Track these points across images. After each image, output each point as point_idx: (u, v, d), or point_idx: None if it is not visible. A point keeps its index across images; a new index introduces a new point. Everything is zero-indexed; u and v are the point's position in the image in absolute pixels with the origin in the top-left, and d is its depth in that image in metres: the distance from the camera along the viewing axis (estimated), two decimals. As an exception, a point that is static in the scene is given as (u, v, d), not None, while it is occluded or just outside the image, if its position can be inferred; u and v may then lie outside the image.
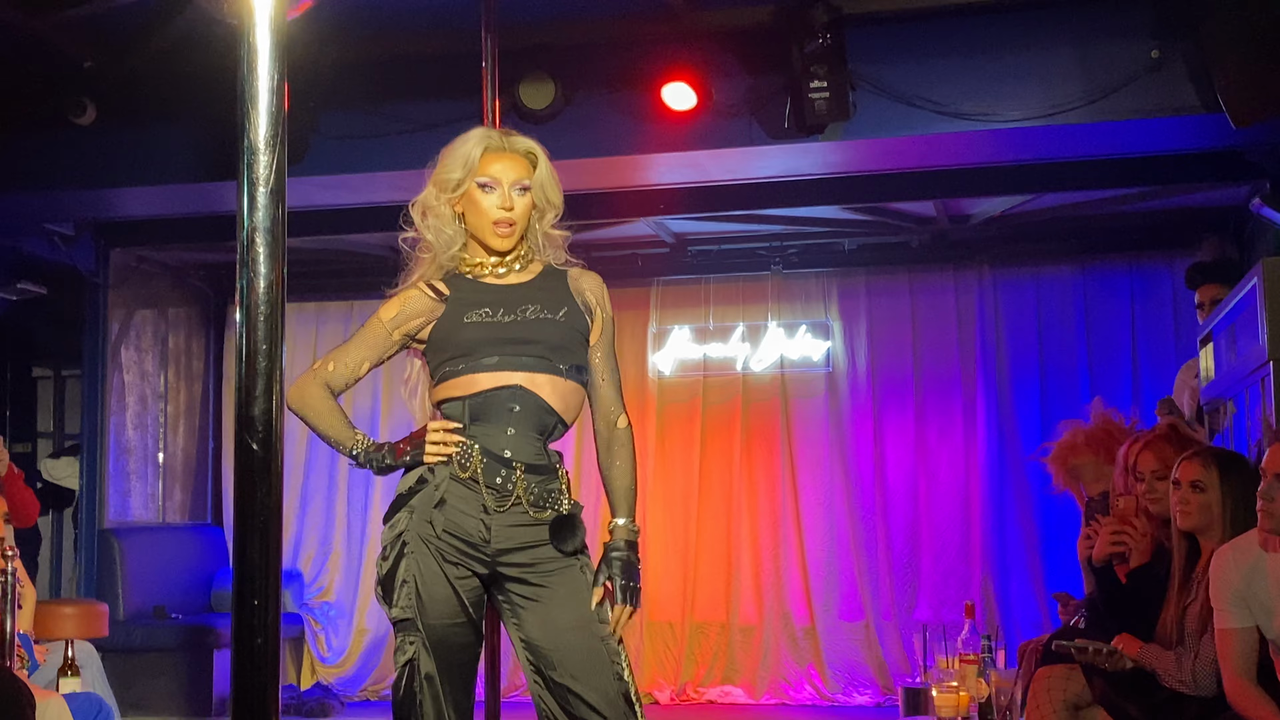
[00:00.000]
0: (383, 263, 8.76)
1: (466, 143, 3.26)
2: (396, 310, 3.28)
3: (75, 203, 7.21)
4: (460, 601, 3.13)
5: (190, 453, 9.07)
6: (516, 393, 3.14)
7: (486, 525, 3.11)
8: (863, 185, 7.22)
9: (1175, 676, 4.05)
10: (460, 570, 3.12)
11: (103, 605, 5.97)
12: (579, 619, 3.11)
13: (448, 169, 3.26)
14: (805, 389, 8.60)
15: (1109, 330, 8.21)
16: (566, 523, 3.14)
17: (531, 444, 3.15)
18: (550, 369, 3.17)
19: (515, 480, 3.11)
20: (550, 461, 3.19)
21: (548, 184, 3.28)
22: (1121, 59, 5.82)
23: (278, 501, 1.78)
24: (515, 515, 3.12)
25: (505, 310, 3.19)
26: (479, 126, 3.38)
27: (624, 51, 6.27)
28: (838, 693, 8.20)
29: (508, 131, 3.35)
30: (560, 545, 3.13)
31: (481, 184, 3.22)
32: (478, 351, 3.17)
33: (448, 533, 3.11)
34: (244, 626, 1.73)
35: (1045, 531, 8.06)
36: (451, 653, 3.14)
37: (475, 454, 3.12)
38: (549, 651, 3.10)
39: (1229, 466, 4.17)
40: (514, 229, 3.22)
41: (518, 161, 3.25)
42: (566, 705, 3.08)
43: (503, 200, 3.20)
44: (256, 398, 1.76)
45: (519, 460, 3.12)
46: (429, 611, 3.11)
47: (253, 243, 1.76)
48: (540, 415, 3.15)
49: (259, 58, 1.76)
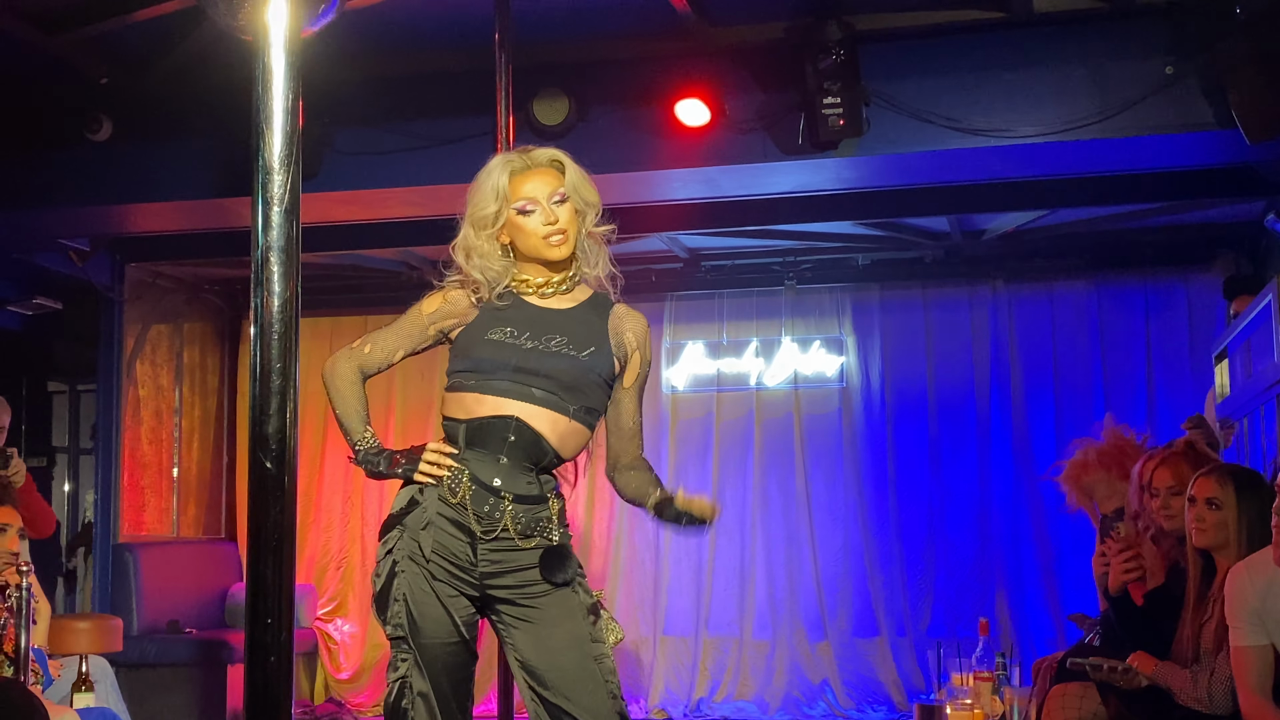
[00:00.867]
0: (396, 277, 8.79)
1: (490, 175, 3.22)
2: (437, 305, 3.29)
3: (91, 218, 7.23)
4: (453, 621, 3.13)
5: (204, 467, 9.08)
6: (513, 424, 3.12)
7: (473, 550, 3.11)
8: (877, 201, 7.21)
9: (1191, 694, 4.03)
10: (450, 590, 3.13)
11: (117, 620, 5.97)
12: (572, 638, 3.11)
13: (480, 205, 3.21)
14: (819, 404, 8.59)
15: (1123, 346, 8.20)
16: (555, 554, 3.13)
17: (523, 474, 3.14)
18: (557, 406, 3.14)
19: (503, 510, 3.11)
20: (542, 491, 3.17)
21: (581, 186, 3.24)
22: (1136, 75, 5.81)
23: (291, 519, 1.78)
24: (502, 543, 3.12)
25: (531, 335, 3.17)
26: (495, 155, 3.37)
27: (638, 68, 6.27)
28: (852, 709, 8.18)
29: (525, 149, 3.32)
30: (549, 577, 3.11)
31: (519, 209, 3.18)
32: (489, 371, 3.16)
33: (437, 554, 3.12)
34: (258, 645, 1.73)
35: (1060, 548, 8.04)
36: (444, 671, 3.14)
37: (465, 481, 3.12)
38: (543, 671, 3.10)
39: (1245, 484, 4.15)
40: (567, 236, 3.19)
41: (547, 174, 3.22)
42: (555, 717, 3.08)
43: (546, 216, 3.17)
44: (270, 415, 1.76)
45: (508, 490, 3.12)
46: (421, 630, 3.12)
47: (267, 261, 1.76)
48: (535, 448, 3.14)
49: (274, 77, 1.76)
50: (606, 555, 8.45)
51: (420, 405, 8.73)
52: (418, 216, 7.09)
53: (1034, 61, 5.95)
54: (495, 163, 3.26)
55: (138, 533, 8.37)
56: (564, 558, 3.13)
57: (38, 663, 4.94)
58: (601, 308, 3.29)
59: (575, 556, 3.18)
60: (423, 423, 8.67)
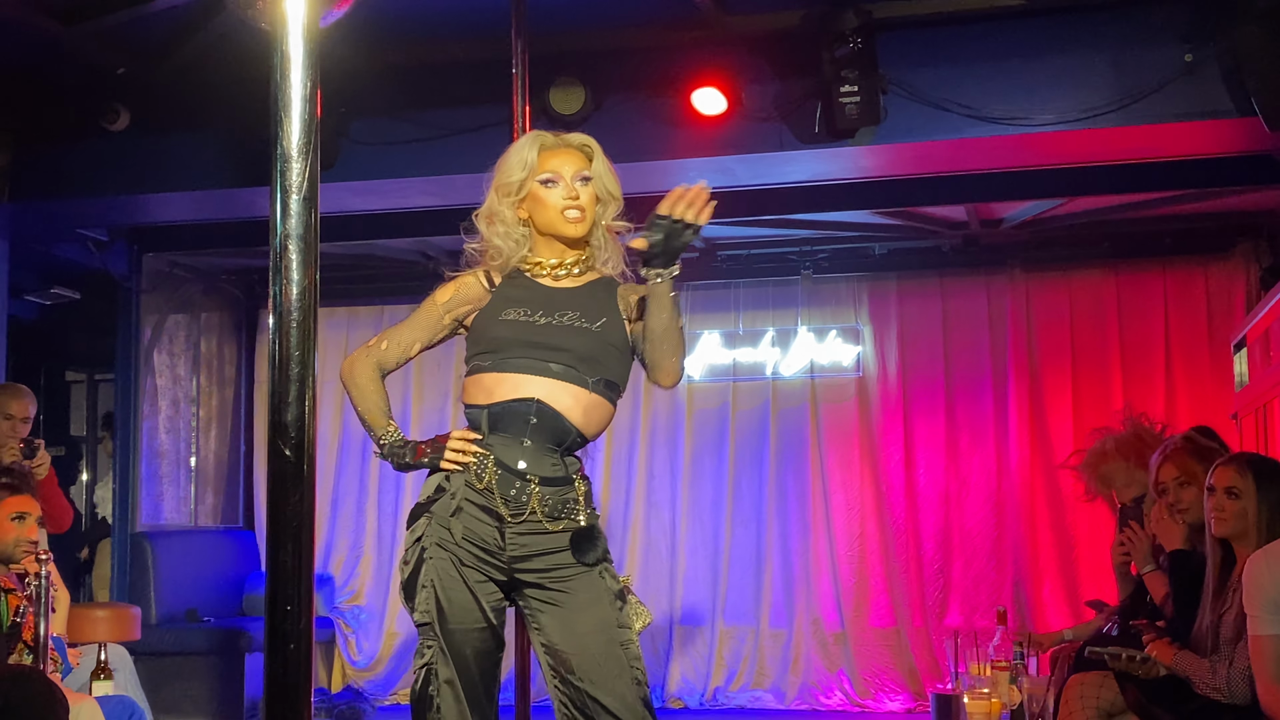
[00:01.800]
0: (413, 267, 8.80)
1: (521, 147, 3.28)
2: (451, 294, 3.32)
3: (109, 208, 7.26)
4: (480, 607, 3.13)
5: (222, 456, 9.11)
6: (534, 406, 3.13)
7: (502, 534, 3.12)
8: (893, 190, 7.20)
9: (1209, 684, 4.03)
10: (479, 575, 3.13)
11: (135, 609, 5.99)
12: (598, 623, 3.10)
13: (507, 173, 3.26)
14: (835, 394, 8.58)
15: (1142, 335, 8.16)
16: (585, 535, 3.14)
17: (547, 456, 3.15)
18: (576, 380, 3.16)
19: (530, 493, 3.12)
20: (567, 472, 3.18)
21: (606, 176, 3.29)
22: (1154, 62, 5.78)
23: (310, 507, 1.77)
24: (530, 525, 3.12)
25: (544, 313, 3.19)
26: (530, 132, 3.41)
27: (654, 56, 6.27)
28: (868, 698, 8.18)
29: (559, 131, 3.39)
30: (581, 558, 3.12)
31: (543, 180, 3.23)
32: (506, 350, 3.18)
33: (466, 539, 3.13)
34: (277, 632, 1.73)
35: (1078, 537, 8.02)
36: (471, 659, 3.14)
37: (490, 466, 3.13)
38: (568, 656, 3.10)
39: (1264, 473, 4.14)
40: (584, 214, 3.23)
41: (575, 155, 3.27)
42: (585, 709, 3.09)
43: (567, 191, 3.21)
44: (289, 404, 1.76)
45: (533, 473, 3.13)
46: (448, 616, 3.12)
47: (285, 250, 1.76)
48: (558, 429, 3.15)
49: (292, 65, 1.76)
50: (622, 545, 8.44)
51: (437, 395, 8.74)
52: (434, 206, 7.09)
53: (1052, 49, 5.93)
54: (528, 136, 3.33)
55: (156, 522, 8.40)
56: (593, 539, 3.14)
57: (57, 651, 4.96)
58: (610, 285, 3.32)
59: (604, 537, 3.19)
60: (439, 413, 8.68)
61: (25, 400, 6.01)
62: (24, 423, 5.94)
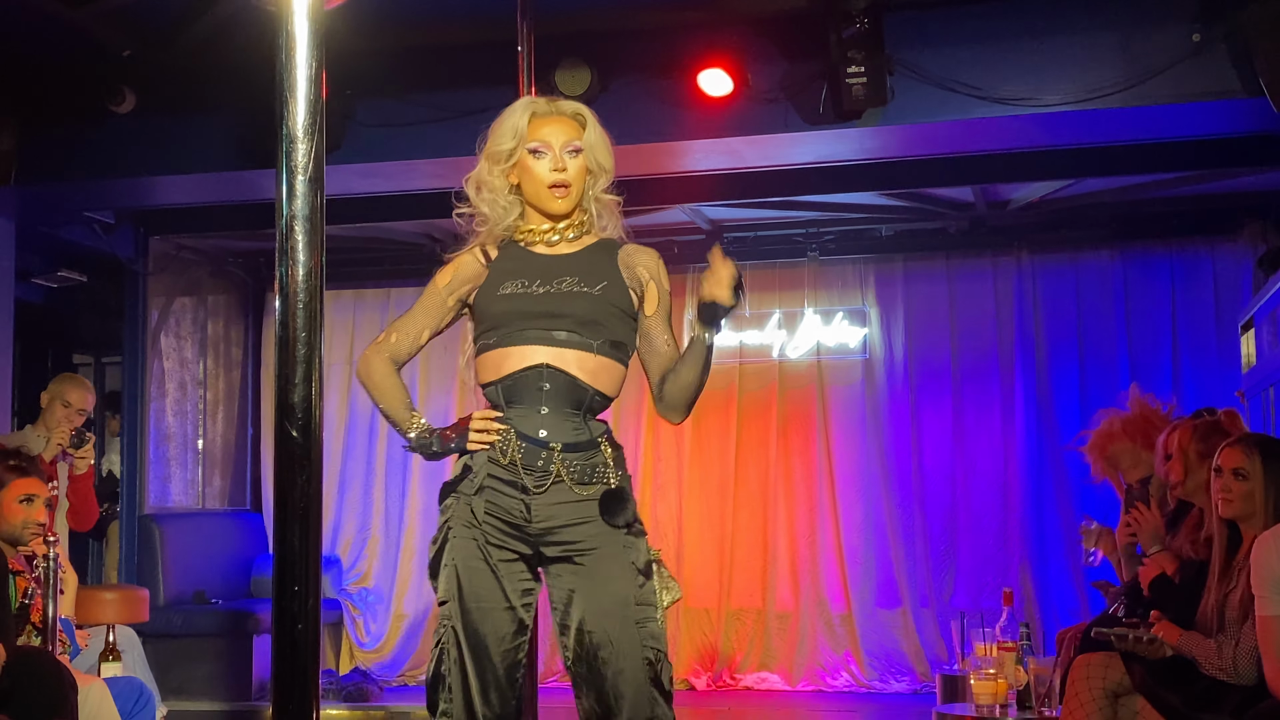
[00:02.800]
0: (419, 250, 8.79)
1: (513, 113, 3.25)
2: (450, 276, 3.30)
3: (115, 191, 7.26)
4: (503, 588, 3.11)
5: (229, 439, 9.12)
6: (544, 371, 3.12)
7: (527, 505, 3.09)
8: (900, 171, 7.19)
9: (1216, 664, 4.03)
10: (505, 553, 3.11)
11: (143, 590, 6.02)
12: (615, 600, 3.08)
13: (497, 140, 3.24)
14: (842, 376, 8.57)
15: (1149, 316, 8.15)
16: (614, 496, 3.11)
17: (568, 420, 3.13)
18: (581, 345, 3.14)
19: (554, 461, 3.10)
20: (592, 435, 3.15)
21: (598, 146, 3.24)
22: (1162, 43, 5.76)
23: (318, 489, 1.78)
24: (558, 493, 3.10)
25: (542, 281, 3.17)
26: (525, 97, 3.38)
27: (660, 38, 6.25)
28: (874, 680, 8.19)
29: (554, 97, 3.34)
30: (610, 519, 3.09)
31: (532, 149, 3.20)
32: (509, 324, 3.16)
33: (490, 515, 3.11)
34: (285, 613, 1.74)
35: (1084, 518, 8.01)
36: (489, 640, 3.11)
37: (513, 439, 3.11)
38: (583, 633, 3.08)
39: (1272, 454, 4.14)
40: (569, 190, 3.20)
41: (567, 124, 3.23)
42: (596, 687, 3.07)
43: (555, 163, 3.18)
44: (296, 385, 1.76)
45: (555, 440, 3.11)
46: (467, 596, 3.11)
47: (291, 231, 1.76)
48: (573, 391, 3.13)
49: (297, 46, 1.76)
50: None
51: (444, 377, 8.74)
52: (440, 188, 7.04)
53: (1059, 29, 5.91)
54: (520, 102, 3.30)
55: (163, 504, 8.42)
56: (622, 500, 3.12)
57: (65, 633, 4.99)
58: (610, 248, 3.29)
59: (634, 501, 3.16)
60: (446, 395, 8.68)
61: (85, 392, 6.10)
62: (80, 414, 6.02)
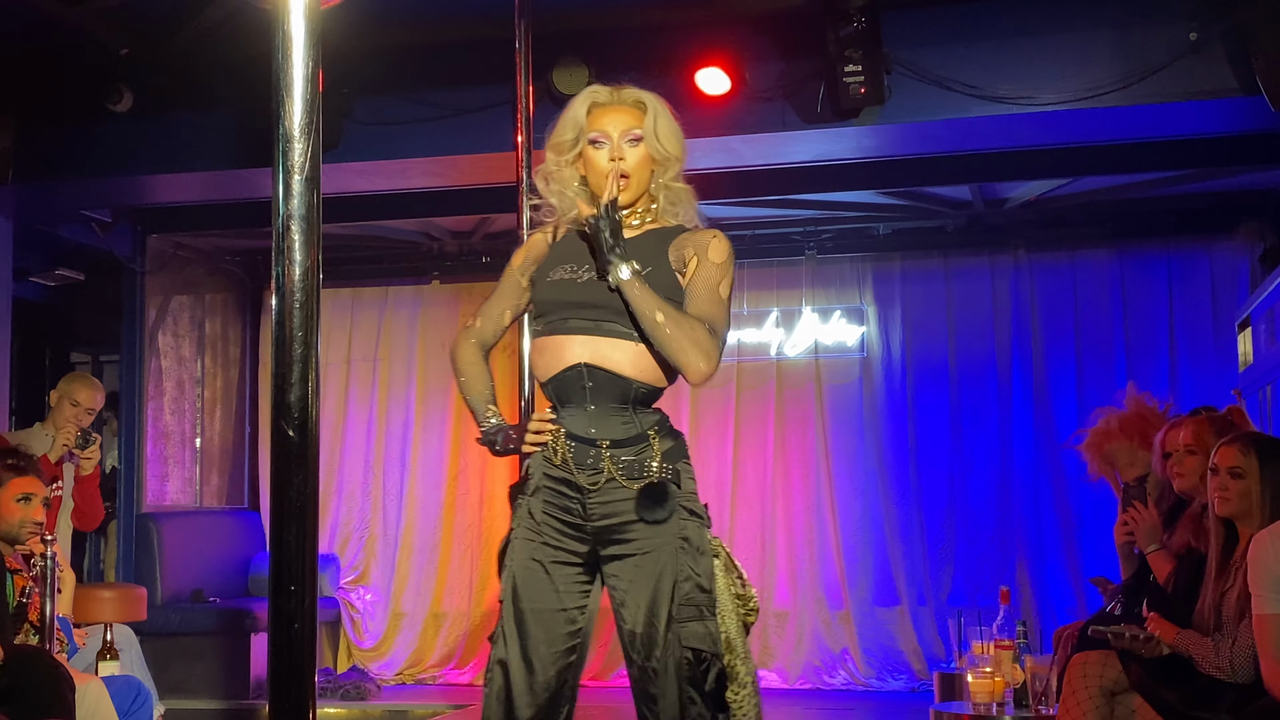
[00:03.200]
0: (416, 248, 8.80)
1: (574, 104, 3.22)
2: (523, 256, 3.31)
3: (112, 189, 7.26)
4: (556, 590, 3.11)
5: (227, 437, 9.12)
6: (584, 370, 3.09)
7: (584, 505, 3.09)
8: (898, 169, 7.19)
9: (1212, 663, 4.03)
10: (562, 554, 3.11)
11: (141, 589, 6.02)
12: (664, 601, 3.04)
13: (560, 133, 3.22)
14: (840, 374, 8.57)
15: (1146, 314, 8.16)
16: (651, 491, 3.06)
17: (616, 416, 3.10)
18: (621, 333, 3.08)
19: (603, 458, 3.08)
20: (641, 429, 3.10)
21: (663, 133, 3.17)
22: (1159, 41, 5.77)
23: (314, 488, 1.78)
24: (612, 491, 3.07)
25: (589, 267, 3.13)
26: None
27: (657, 36, 6.25)
28: (872, 678, 8.19)
29: (619, 85, 3.28)
30: (647, 515, 3.05)
31: (592, 140, 3.16)
32: (553, 313, 3.16)
33: (549, 515, 3.11)
34: (281, 612, 1.74)
35: (1081, 516, 8.02)
36: (540, 640, 3.09)
37: (561, 439, 3.11)
38: (630, 632, 3.08)
39: (1268, 452, 4.14)
40: (628, 180, 3.15)
41: (627, 113, 3.19)
42: (641, 688, 3.07)
43: (613, 152, 3.14)
44: (293, 384, 1.76)
45: (603, 437, 3.08)
46: (520, 596, 3.11)
47: (288, 230, 1.76)
48: (615, 385, 3.09)
49: (294, 45, 1.76)
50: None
51: (441, 374, 8.73)
52: (437, 187, 7.09)
53: (1057, 28, 5.92)
54: (582, 93, 3.26)
55: (161, 503, 8.42)
56: (659, 495, 3.06)
57: (63, 631, 4.98)
58: (667, 234, 3.20)
59: (674, 495, 3.07)
60: (444, 394, 8.68)
61: (94, 391, 6.09)
62: (88, 413, 6.02)
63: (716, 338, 3.08)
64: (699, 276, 3.12)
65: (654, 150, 3.17)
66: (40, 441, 5.77)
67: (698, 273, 3.12)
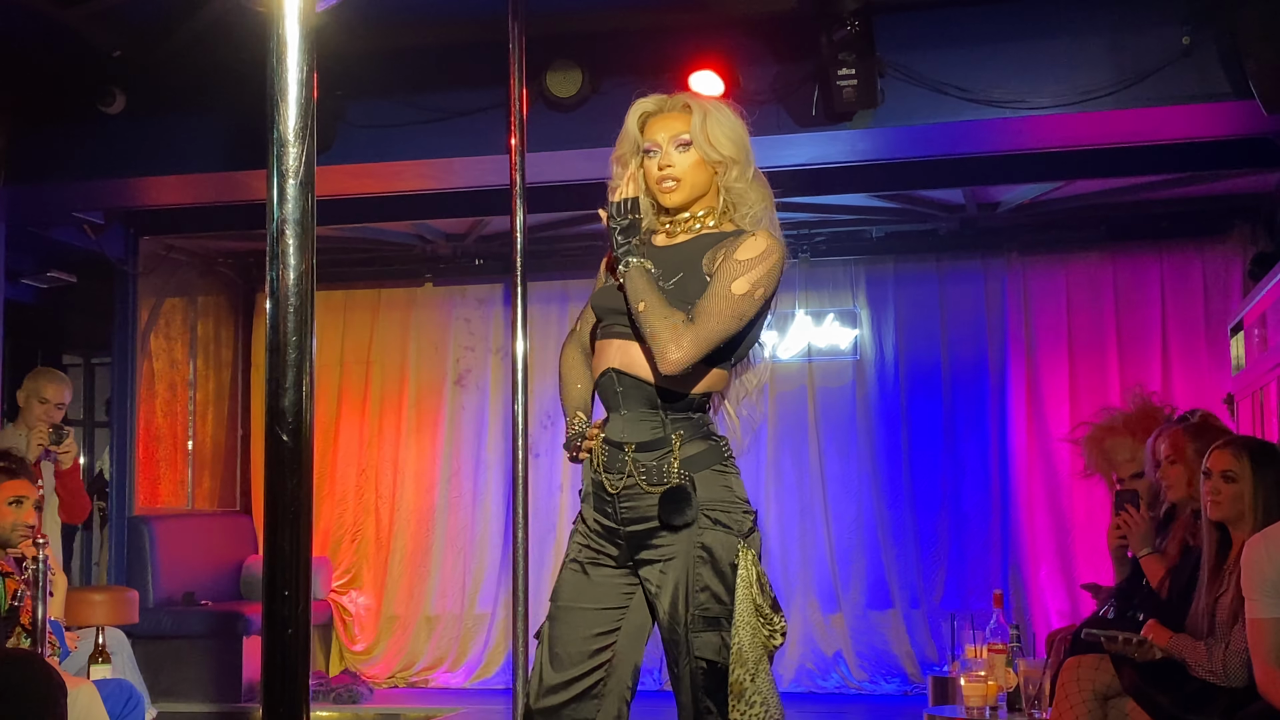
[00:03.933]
0: (410, 250, 8.79)
1: (628, 119, 3.23)
2: (606, 260, 3.34)
3: (105, 191, 7.24)
4: (593, 590, 3.16)
5: (219, 440, 9.11)
6: (614, 376, 3.14)
7: (615, 510, 3.13)
8: (891, 173, 7.19)
9: (1206, 667, 4.04)
10: (600, 556, 3.16)
11: (133, 592, 6.00)
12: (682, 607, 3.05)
13: (619, 148, 3.24)
14: (833, 377, 8.58)
15: (1138, 318, 8.16)
16: (671, 495, 3.06)
17: (643, 420, 3.12)
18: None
19: (629, 463, 3.10)
20: (666, 433, 3.10)
21: (714, 134, 3.15)
22: (1152, 45, 5.77)
23: (308, 492, 1.77)
24: (636, 496, 3.10)
25: None
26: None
27: (651, 39, 6.25)
28: (865, 681, 8.20)
29: (666, 95, 3.28)
30: (666, 519, 3.04)
31: (646, 150, 3.18)
32: (603, 318, 3.22)
33: (596, 520, 3.17)
34: (275, 617, 1.73)
35: (1074, 520, 8.03)
36: (568, 640, 3.14)
37: (599, 446, 3.16)
38: (663, 640, 3.12)
39: (1260, 456, 4.15)
40: (677, 185, 3.15)
41: (675, 118, 3.19)
42: (676, 691, 3.11)
43: (662, 159, 3.15)
44: (286, 389, 1.75)
45: (630, 440, 3.11)
46: (561, 595, 3.18)
47: (282, 234, 1.75)
48: (642, 390, 3.12)
49: (288, 49, 1.75)
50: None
51: (436, 377, 8.73)
52: (431, 189, 7.08)
53: (1050, 32, 5.92)
54: (633, 105, 3.25)
55: (153, 505, 8.41)
56: (679, 500, 3.05)
57: (54, 635, 4.97)
58: (714, 239, 3.18)
59: (694, 499, 3.05)
60: (436, 396, 8.67)
61: (61, 385, 6.06)
62: (58, 408, 5.99)
63: (699, 328, 3.02)
64: (716, 274, 3.10)
65: (705, 153, 3.16)
66: (15, 443, 5.74)
67: (722, 268, 3.10)
